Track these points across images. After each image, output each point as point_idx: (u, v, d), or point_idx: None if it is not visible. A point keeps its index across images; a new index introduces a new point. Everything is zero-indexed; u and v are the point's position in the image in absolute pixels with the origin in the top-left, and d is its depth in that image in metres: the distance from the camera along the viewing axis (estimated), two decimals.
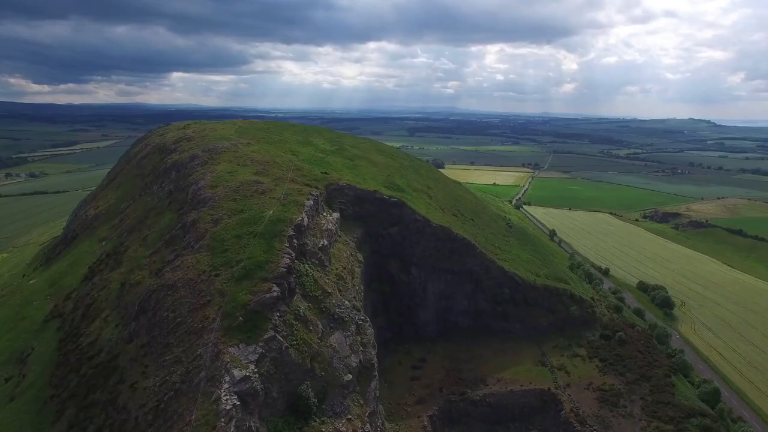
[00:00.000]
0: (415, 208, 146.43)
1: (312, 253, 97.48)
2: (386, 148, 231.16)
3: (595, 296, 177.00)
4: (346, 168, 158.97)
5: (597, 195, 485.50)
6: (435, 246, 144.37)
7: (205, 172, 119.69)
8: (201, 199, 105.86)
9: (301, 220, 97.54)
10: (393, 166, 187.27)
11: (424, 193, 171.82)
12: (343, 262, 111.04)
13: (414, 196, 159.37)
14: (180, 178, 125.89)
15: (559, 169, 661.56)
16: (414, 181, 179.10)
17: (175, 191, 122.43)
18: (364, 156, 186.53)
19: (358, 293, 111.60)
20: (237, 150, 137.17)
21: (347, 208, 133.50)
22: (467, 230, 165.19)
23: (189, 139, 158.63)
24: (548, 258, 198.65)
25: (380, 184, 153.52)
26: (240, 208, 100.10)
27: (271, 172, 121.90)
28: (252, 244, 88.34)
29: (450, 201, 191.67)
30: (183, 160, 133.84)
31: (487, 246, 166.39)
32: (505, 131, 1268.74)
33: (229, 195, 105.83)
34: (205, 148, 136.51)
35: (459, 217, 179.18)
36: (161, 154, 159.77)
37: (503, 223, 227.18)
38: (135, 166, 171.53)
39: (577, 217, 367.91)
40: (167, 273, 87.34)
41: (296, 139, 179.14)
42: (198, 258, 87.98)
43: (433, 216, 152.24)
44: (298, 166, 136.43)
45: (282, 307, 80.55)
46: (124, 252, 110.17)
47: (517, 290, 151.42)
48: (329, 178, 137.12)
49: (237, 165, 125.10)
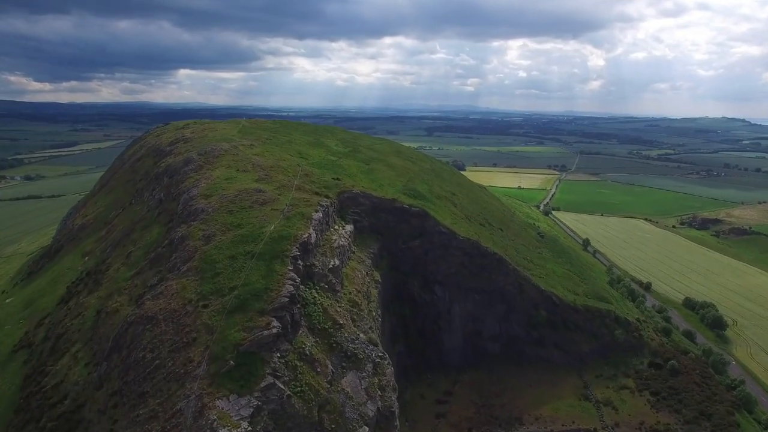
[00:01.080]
0: (439, 219, 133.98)
1: (320, 276, 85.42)
2: (405, 150, 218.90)
3: (641, 317, 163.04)
4: (360, 173, 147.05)
5: (629, 199, 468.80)
6: (462, 262, 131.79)
7: (200, 179, 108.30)
8: (192, 210, 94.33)
9: (308, 236, 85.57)
10: (413, 170, 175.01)
11: (448, 200, 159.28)
12: (358, 283, 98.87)
13: (437, 204, 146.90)
14: (172, 185, 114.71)
15: (587, 171, 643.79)
16: (436, 187, 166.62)
17: (166, 200, 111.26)
18: (381, 159, 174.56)
19: (374, 320, 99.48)
20: (237, 153, 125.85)
21: (362, 220, 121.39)
22: (497, 242, 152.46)
23: (186, 140, 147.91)
24: (585, 272, 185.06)
25: (399, 191, 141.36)
26: (236, 222, 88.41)
27: (275, 179, 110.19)
28: (248, 267, 76.53)
29: (476, 209, 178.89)
30: (176, 164, 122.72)
31: (519, 260, 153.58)
32: (529, 131, 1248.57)
33: (224, 206, 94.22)
34: (201, 150, 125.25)
35: (486, 227, 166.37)
36: (155, 157, 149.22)
37: (533, 232, 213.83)
38: (128, 170, 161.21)
39: (610, 223, 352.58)
40: (148, 301, 75.75)
41: (306, 140, 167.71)
42: (184, 283, 76.32)
43: (459, 227, 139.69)
44: (307, 171, 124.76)
45: (283, 345, 68.62)
46: (105, 271, 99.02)
47: (555, 312, 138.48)
48: (342, 184, 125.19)
49: (236, 170, 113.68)
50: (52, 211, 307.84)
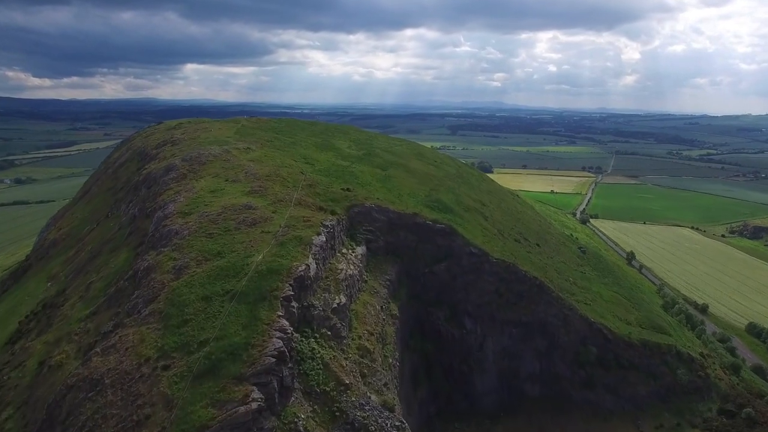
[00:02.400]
0: (468, 237, 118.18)
1: (321, 319, 70.24)
2: (427, 153, 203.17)
3: (705, 351, 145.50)
4: (376, 180, 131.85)
5: (672, 204, 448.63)
6: (496, 289, 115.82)
7: (180, 191, 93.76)
8: (165, 233, 79.75)
9: (305, 269, 70.39)
10: (436, 177, 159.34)
11: (477, 212, 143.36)
12: (370, 323, 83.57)
13: (466, 218, 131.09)
14: (148, 197, 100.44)
15: (625, 174, 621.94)
16: (464, 196, 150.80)
17: (140, 216, 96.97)
18: (400, 163, 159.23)
19: (391, 368, 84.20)
20: (229, 158, 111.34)
21: (377, 239, 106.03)
22: (535, 263, 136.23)
23: (174, 142, 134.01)
24: (636, 295, 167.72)
25: (421, 203, 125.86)
26: (216, 250, 73.60)
27: (271, 191, 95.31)
28: (226, 312, 61.63)
29: (509, 221, 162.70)
30: (156, 172, 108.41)
31: (561, 283, 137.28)
32: (559, 129, 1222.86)
33: (204, 227, 79.50)
34: (186, 156, 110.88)
35: (522, 243, 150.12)
36: (140, 162, 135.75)
37: (574, 246, 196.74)
38: (110, 177, 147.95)
39: (654, 233, 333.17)
40: (95, 357, 61.13)
41: (313, 142, 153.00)
42: (143, 333, 61.60)
43: (492, 246, 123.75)
44: (311, 181, 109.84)
45: (268, 422, 53.61)
46: (61, 305, 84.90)
47: (606, 347, 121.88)
48: (353, 196, 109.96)
49: (225, 180, 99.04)
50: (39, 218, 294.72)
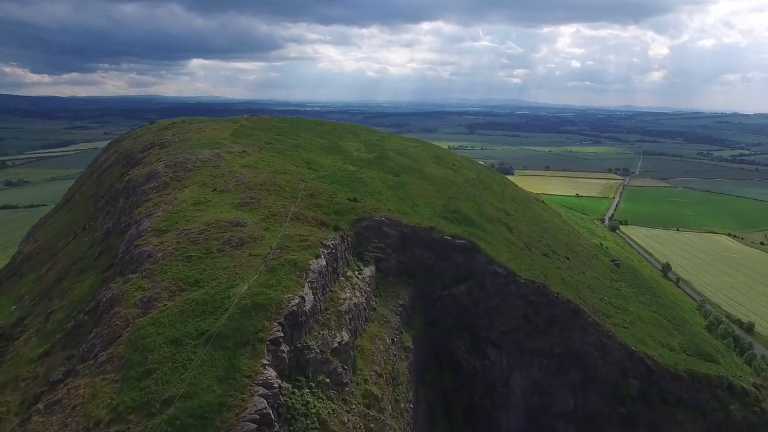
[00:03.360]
0: (492, 254, 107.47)
1: (319, 363, 60.05)
2: (445, 155, 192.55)
3: (758, 380, 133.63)
4: (387, 188, 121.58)
5: (706, 209, 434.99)
6: (524, 314, 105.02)
7: (159, 203, 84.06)
8: (136, 255, 69.98)
9: (299, 302, 60.22)
10: (455, 183, 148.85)
11: (501, 223, 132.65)
12: (379, 362, 73.30)
13: (489, 230, 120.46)
14: (125, 210, 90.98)
15: (654, 176, 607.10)
16: (486, 205, 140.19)
17: (113, 233, 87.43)
18: (415, 167, 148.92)
19: (403, 414, 73.96)
20: (219, 164, 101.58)
21: (387, 258, 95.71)
22: (567, 281, 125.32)
23: (163, 144, 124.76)
24: (677, 314, 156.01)
25: (438, 214, 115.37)
26: (194, 278, 63.65)
27: (264, 203, 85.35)
28: (198, 360, 51.70)
29: (536, 232, 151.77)
30: (137, 179, 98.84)
31: (596, 303, 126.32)
32: (583, 128, 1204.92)
33: (182, 249, 69.62)
34: (171, 161, 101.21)
35: (551, 257, 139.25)
36: (125, 167, 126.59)
37: (606, 258, 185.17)
38: (94, 182, 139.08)
39: (689, 241, 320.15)
40: (35, 417, 51.28)
41: (318, 144, 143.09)
42: (96, 386, 51.76)
43: (519, 263, 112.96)
44: (313, 190, 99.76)
45: None
46: (17, 337, 75.44)
47: (649, 380, 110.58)
48: (360, 208, 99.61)
49: (212, 190, 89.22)
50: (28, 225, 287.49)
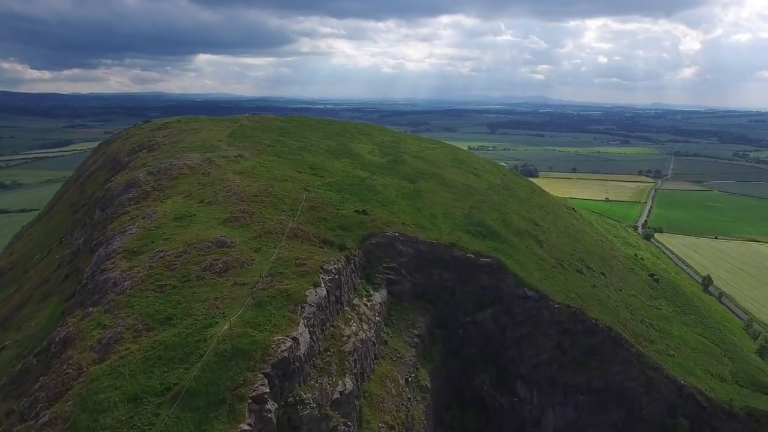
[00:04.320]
0: (521, 273, 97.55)
1: (315, 421, 50.62)
2: (466, 157, 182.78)
3: None
4: (402, 197, 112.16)
5: (745, 215, 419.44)
6: (558, 344, 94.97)
7: (136, 218, 75.21)
8: (101, 282, 61.05)
9: (292, 346, 50.82)
10: (478, 190, 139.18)
11: (530, 236, 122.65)
12: (390, 408, 63.78)
13: (516, 245, 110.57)
14: (99, 224, 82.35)
15: (687, 178, 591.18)
16: (513, 215, 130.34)
17: (83, 251, 78.77)
18: (433, 172, 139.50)
19: None
20: (210, 170, 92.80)
21: (401, 280, 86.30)
22: (605, 303, 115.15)
23: (152, 147, 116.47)
24: (725, 337, 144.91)
25: (459, 228, 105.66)
26: (166, 313, 54.58)
27: (258, 218, 76.24)
28: (161, 425, 42.58)
29: (568, 245, 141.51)
30: (116, 188, 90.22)
31: (636, 327, 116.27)
32: (611, 127, 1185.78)
33: (155, 276, 60.60)
34: (155, 167, 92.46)
35: (585, 273, 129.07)
36: (110, 171, 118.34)
37: (643, 273, 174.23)
38: (78, 189, 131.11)
39: (729, 250, 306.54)
40: None
41: (326, 147, 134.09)
42: None
43: (553, 283, 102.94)
44: (316, 201, 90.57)
45: None
46: None
47: (700, 419, 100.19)
48: (370, 221, 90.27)
49: (198, 202, 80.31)
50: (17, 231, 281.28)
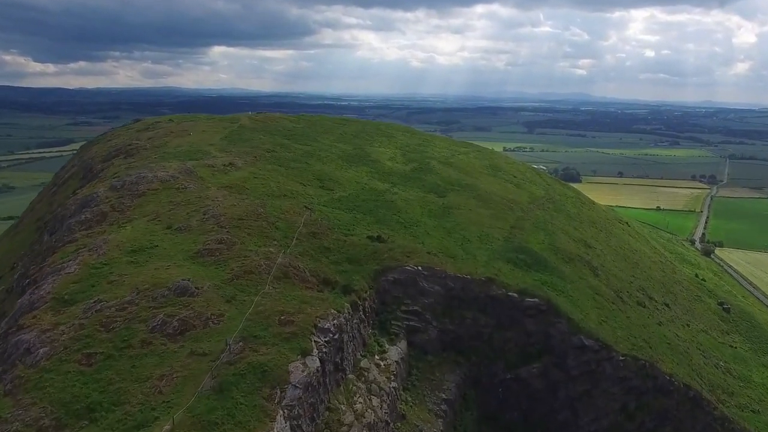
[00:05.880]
0: (577, 316, 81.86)
1: None
2: (504, 163, 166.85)
3: None
4: (428, 215, 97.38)
5: None
6: (623, 406, 79.23)
7: (81, 249, 61.51)
8: (10, 348, 46.98)
9: None
10: (519, 204, 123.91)
11: (583, 263, 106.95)
12: None
13: (568, 276, 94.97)
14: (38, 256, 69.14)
15: (745, 184, 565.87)
16: (561, 235, 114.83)
17: (16, 291, 65.34)
18: (466, 183, 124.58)
19: None
20: (188, 184, 78.84)
21: (425, 327, 71.51)
22: (674, 345, 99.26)
23: (130, 152, 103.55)
24: None
25: (498, 255, 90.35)
26: (86, 402, 40.08)
27: (239, 251, 61.87)
28: None
29: (626, 271, 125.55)
30: (70, 207, 77.08)
31: (712, 375, 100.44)
32: (658, 127, 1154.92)
33: (83, 339, 46.29)
34: (119, 181, 78.63)
35: (648, 306, 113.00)
36: (82, 180, 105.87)
37: (711, 301, 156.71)
38: (48, 200, 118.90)
39: None
40: None
41: (339, 152, 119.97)
42: None
43: (614, 327, 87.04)
44: (318, 225, 76.06)
45: None
46: None
47: None
48: (386, 252, 75.47)
49: (165, 227, 66.29)
50: None
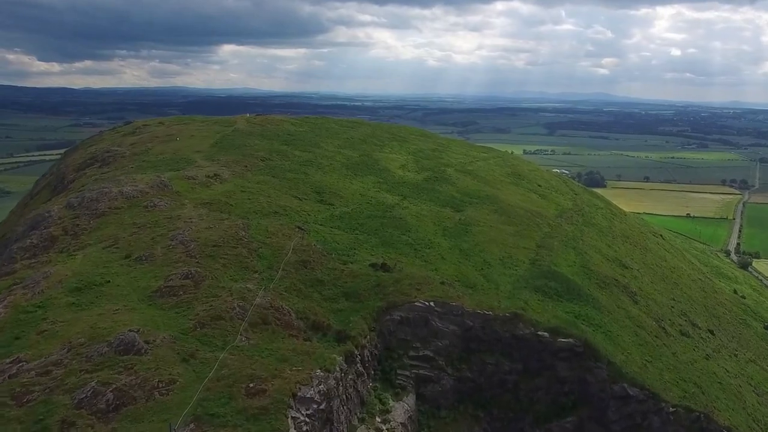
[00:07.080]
0: (618, 358, 71.20)
1: None
2: (527, 171, 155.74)
3: None
4: (442, 235, 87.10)
5: None
6: None
7: (14, 285, 52.00)
8: None
9: None
10: (546, 217, 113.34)
11: (620, 287, 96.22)
12: None
13: (604, 306, 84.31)
14: None
15: None
16: (593, 254, 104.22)
17: None
18: (485, 194, 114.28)
19: None
20: (158, 202, 69.29)
21: (438, 376, 61.29)
22: (725, 384, 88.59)
23: (107, 160, 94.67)
24: None
25: (524, 283, 79.79)
26: None
27: (208, 288, 51.90)
28: None
29: (666, 292, 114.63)
30: (18, 228, 67.96)
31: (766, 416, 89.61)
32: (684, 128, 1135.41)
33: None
34: (77, 197, 69.03)
35: (692, 336, 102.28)
36: (51, 193, 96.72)
37: (757, 325, 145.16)
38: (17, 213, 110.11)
39: None
40: None
41: (343, 159, 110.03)
42: None
43: (660, 369, 76.29)
44: (310, 250, 66.06)
45: None
46: None
47: None
48: (392, 284, 65.22)
49: (122, 257, 56.67)
50: None
